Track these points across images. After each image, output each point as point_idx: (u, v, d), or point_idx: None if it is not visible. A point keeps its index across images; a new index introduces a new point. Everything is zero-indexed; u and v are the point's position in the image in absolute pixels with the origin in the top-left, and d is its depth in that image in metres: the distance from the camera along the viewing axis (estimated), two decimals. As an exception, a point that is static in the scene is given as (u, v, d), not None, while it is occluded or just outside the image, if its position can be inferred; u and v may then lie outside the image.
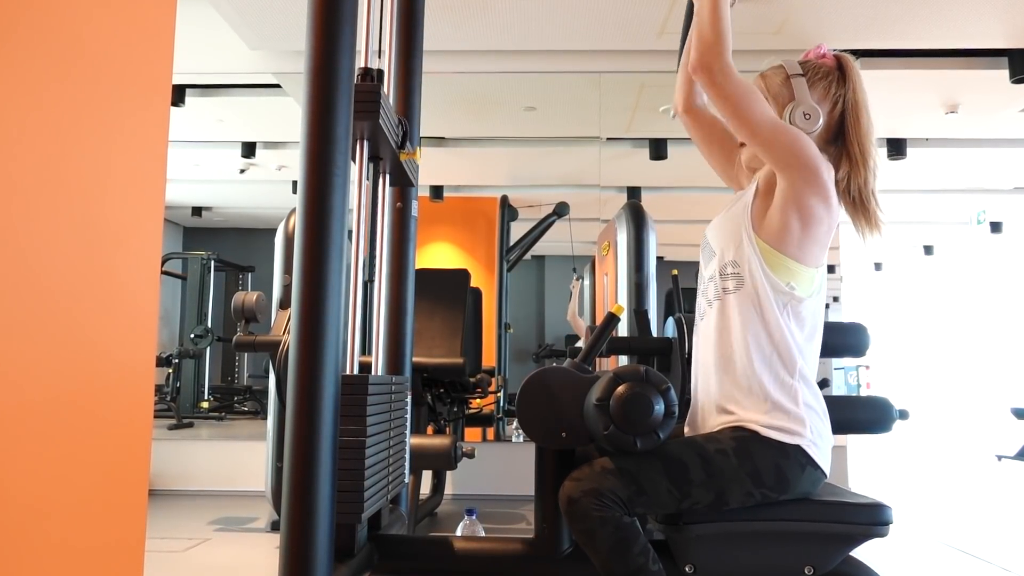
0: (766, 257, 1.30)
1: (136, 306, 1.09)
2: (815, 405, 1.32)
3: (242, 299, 2.42)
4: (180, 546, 2.68)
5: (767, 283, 1.30)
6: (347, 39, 1.18)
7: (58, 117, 0.93)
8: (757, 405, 1.30)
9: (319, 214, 1.14)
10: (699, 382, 1.41)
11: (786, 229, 1.29)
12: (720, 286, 1.36)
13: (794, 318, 1.31)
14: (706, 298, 1.41)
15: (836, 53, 1.41)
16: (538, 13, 3.50)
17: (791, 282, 1.30)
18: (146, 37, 1.11)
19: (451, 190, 5.48)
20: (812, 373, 1.34)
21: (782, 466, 1.26)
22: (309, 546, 1.09)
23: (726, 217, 1.41)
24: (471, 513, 2.12)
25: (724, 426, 1.33)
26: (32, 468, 0.89)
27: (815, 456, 1.28)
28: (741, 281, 1.33)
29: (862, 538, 1.30)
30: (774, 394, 1.29)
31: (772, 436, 1.27)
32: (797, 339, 1.31)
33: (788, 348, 1.30)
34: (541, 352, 5.76)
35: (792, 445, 1.27)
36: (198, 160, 5.71)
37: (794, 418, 1.28)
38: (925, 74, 4.00)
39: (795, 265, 1.30)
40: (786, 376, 1.30)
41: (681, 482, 1.24)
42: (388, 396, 1.38)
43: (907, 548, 2.83)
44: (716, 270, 1.38)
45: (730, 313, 1.33)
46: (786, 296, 1.30)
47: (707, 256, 1.43)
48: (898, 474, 5.19)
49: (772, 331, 1.30)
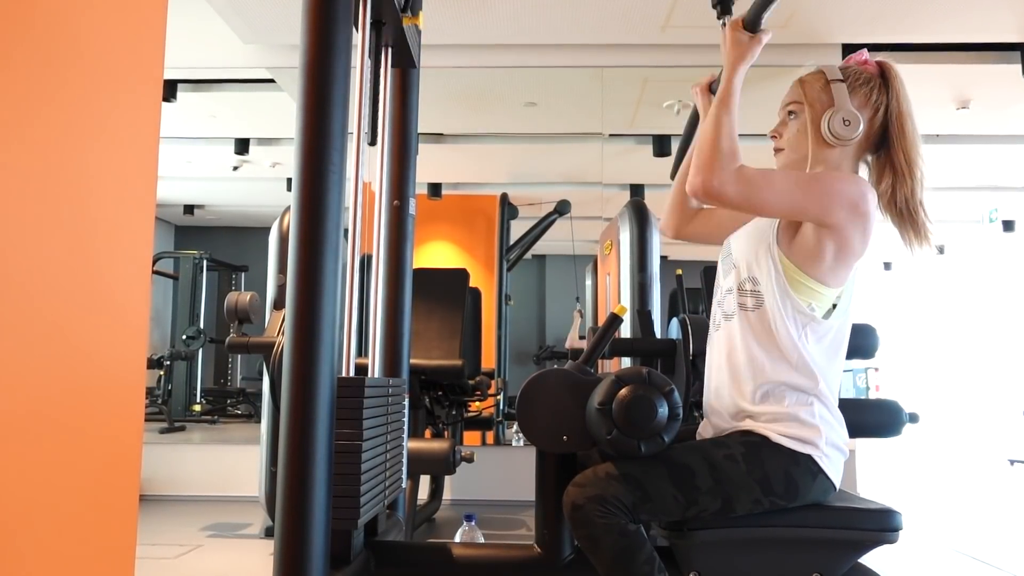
0: (790, 277, 1.27)
1: (126, 307, 1.08)
2: (832, 420, 1.29)
3: (235, 299, 2.40)
4: (172, 553, 2.66)
5: (788, 304, 1.28)
6: (343, 33, 1.17)
7: (45, 112, 0.91)
8: (771, 412, 1.27)
9: (314, 212, 1.13)
10: (711, 392, 1.39)
11: (819, 254, 1.25)
12: (738, 301, 1.34)
13: (812, 336, 1.28)
14: (723, 310, 1.38)
15: (879, 60, 1.37)
16: (539, 5, 3.48)
17: (812, 303, 1.28)
18: (136, 30, 1.10)
19: (450, 188, 5.46)
20: (833, 390, 1.31)
21: (792, 473, 1.24)
22: (304, 553, 1.08)
23: (752, 230, 1.37)
24: (470, 519, 2.10)
25: (733, 430, 1.30)
26: (19, 473, 0.87)
27: (826, 468, 1.26)
28: (760, 299, 1.30)
29: (871, 544, 1.28)
30: (790, 408, 1.27)
31: (784, 443, 1.25)
32: (816, 357, 1.28)
33: (806, 366, 1.27)
34: (542, 354, 5.75)
35: (803, 454, 1.25)
36: (190, 157, 5.68)
37: (808, 427, 1.26)
38: (935, 69, 3.96)
39: (819, 287, 1.27)
40: (803, 393, 1.27)
41: (688, 488, 1.22)
42: (385, 399, 1.36)
43: (917, 555, 2.80)
44: (735, 283, 1.35)
45: (747, 330, 1.31)
46: (805, 317, 1.28)
47: (727, 267, 1.40)
48: (908, 479, 5.17)
49: (788, 351, 1.27)
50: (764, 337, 1.29)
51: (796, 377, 1.27)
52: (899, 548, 1.47)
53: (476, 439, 4.72)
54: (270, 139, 5.22)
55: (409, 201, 1.73)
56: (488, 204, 5.40)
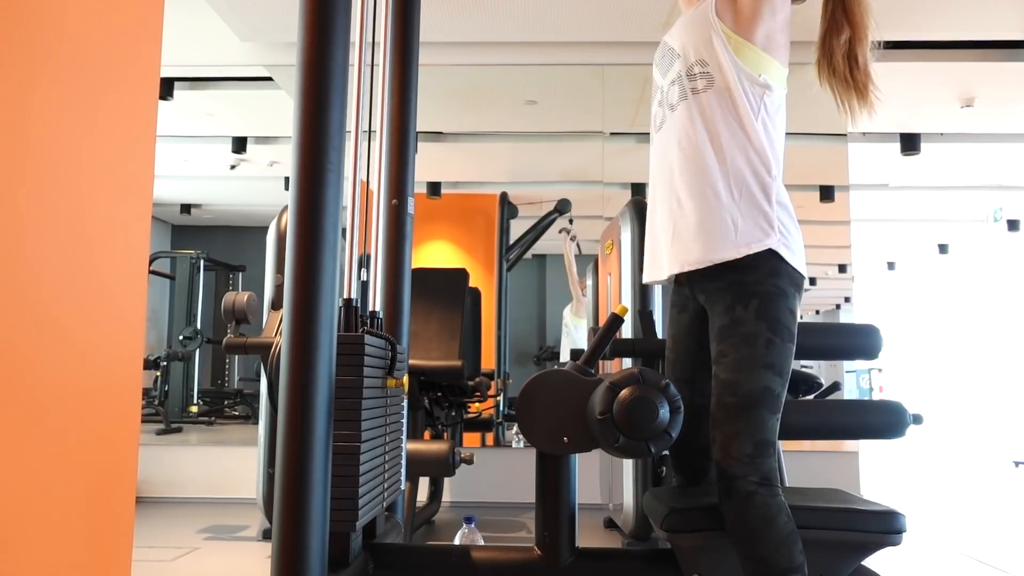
0: (736, 48, 1.31)
1: (123, 307, 1.08)
2: (787, 203, 1.33)
3: (232, 300, 2.39)
4: (168, 555, 2.64)
5: (741, 75, 1.30)
6: (341, 30, 1.16)
7: (40, 110, 0.90)
8: (728, 210, 1.29)
9: (312, 212, 1.12)
10: (659, 195, 1.40)
11: (757, 14, 1.30)
12: (689, 87, 1.35)
13: (768, 111, 1.31)
14: (668, 104, 1.40)
15: None
16: (539, 3, 3.47)
17: (763, 73, 1.31)
18: (133, 28, 1.09)
19: (449, 187, 5.44)
20: (781, 170, 1.35)
21: (784, 288, 1.27)
22: (302, 555, 1.07)
23: (688, 21, 1.40)
24: (470, 521, 2.08)
25: (724, 291, 1.30)
26: (13, 475, 0.87)
27: (788, 258, 1.28)
28: (711, 79, 1.32)
29: (875, 547, 1.28)
30: (752, 187, 1.29)
31: (764, 279, 1.27)
32: (771, 133, 1.31)
33: (761, 143, 1.30)
34: (542, 354, 5.73)
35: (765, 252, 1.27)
36: (187, 156, 5.66)
37: (765, 217, 1.28)
38: (940, 66, 3.95)
39: (764, 55, 1.30)
40: (763, 171, 1.30)
41: (772, 400, 1.25)
42: (384, 400, 1.35)
43: (921, 557, 2.78)
44: (682, 71, 1.37)
45: (703, 111, 1.32)
46: (761, 88, 1.31)
47: (667, 63, 1.42)
48: (912, 481, 5.14)
49: (747, 125, 1.30)
50: (724, 111, 1.31)
51: (755, 151, 1.29)
52: (903, 551, 1.46)
53: (476, 440, 4.71)
54: (268, 138, 5.21)
55: (408, 200, 1.73)
56: (488, 203, 5.38)
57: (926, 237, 8.01)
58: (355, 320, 1.30)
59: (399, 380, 1.43)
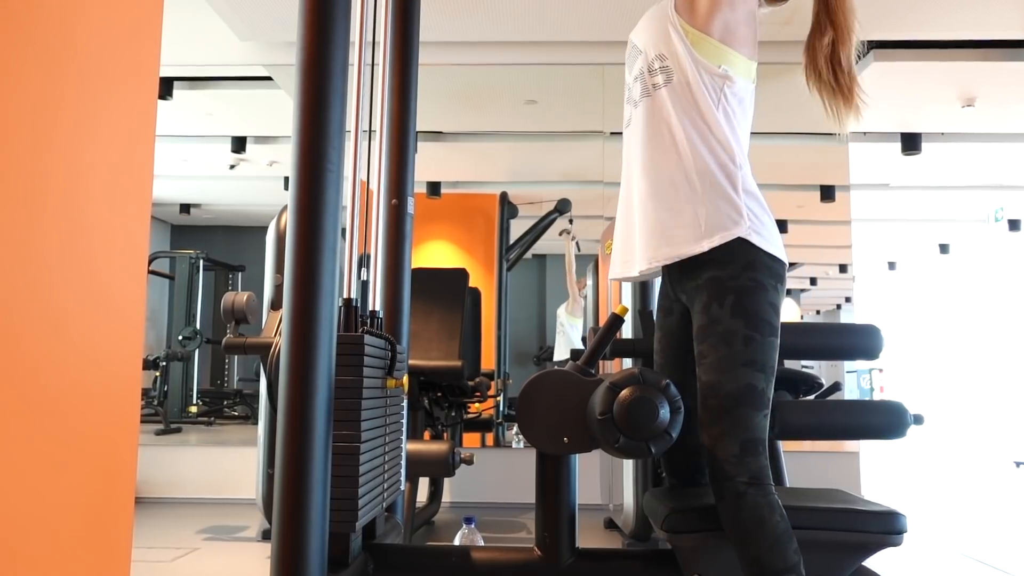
0: (695, 42, 1.30)
1: (122, 307, 1.08)
2: (755, 191, 1.31)
3: (232, 300, 2.39)
4: (168, 556, 2.64)
5: (699, 67, 1.30)
6: (340, 29, 1.16)
7: (39, 110, 0.90)
8: (692, 202, 1.28)
9: (312, 211, 1.12)
10: (626, 192, 1.40)
11: (714, 7, 1.29)
12: (650, 83, 1.35)
13: (729, 101, 1.31)
14: (632, 100, 1.41)
15: None
16: (539, 3, 3.47)
17: (723, 64, 1.30)
18: (132, 27, 1.09)
19: (449, 186, 5.43)
20: (746, 155, 1.34)
21: (761, 281, 1.26)
22: (301, 556, 1.07)
23: (649, 18, 1.41)
24: (470, 522, 2.08)
25: (701, 289, 1.29)
26: (12, 475, 0.87)
27: (761, 245, 1.27)
28: (670, 73, 1.32)
29: (875, 547, 1.28)
30: (717, 177, 1.28)
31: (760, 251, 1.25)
32: (735, 123, 1.31)
33: (723, 133, 1.29)
34: (542, 354, 5.72)
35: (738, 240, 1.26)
36: (186, 155, 5.66)
37: (734, 207, 1.27)
38: (940, 66, 3.94)
39: (723, 47, 1.30)
40: (728, 161, 1.29)
41: (756, 398, 1.24)
42: (383, 400, 1.35)
43: (922, 558, 2.77)
44: (643, 68, 1.37)
45: (662, 105, 1.33)
46: (720, 79, 1.30)
47: (631, 60, 1.43)
48: (912, 481, 5.14)
49: (707, 117, 1.29)
50: (683, 105, 1.30)
51: (717, 142, 1.28)
52: (904, 551, 1.46)
53: (476, 441, 4.71)
54: (267, 137, 5.20)
55: (407, 200, 1.72)
56: (488, 203, 5.38)
57: (927, 237, 8.01)
58: (355, 320, 1.30)
59: (399, 380, 1.43)
